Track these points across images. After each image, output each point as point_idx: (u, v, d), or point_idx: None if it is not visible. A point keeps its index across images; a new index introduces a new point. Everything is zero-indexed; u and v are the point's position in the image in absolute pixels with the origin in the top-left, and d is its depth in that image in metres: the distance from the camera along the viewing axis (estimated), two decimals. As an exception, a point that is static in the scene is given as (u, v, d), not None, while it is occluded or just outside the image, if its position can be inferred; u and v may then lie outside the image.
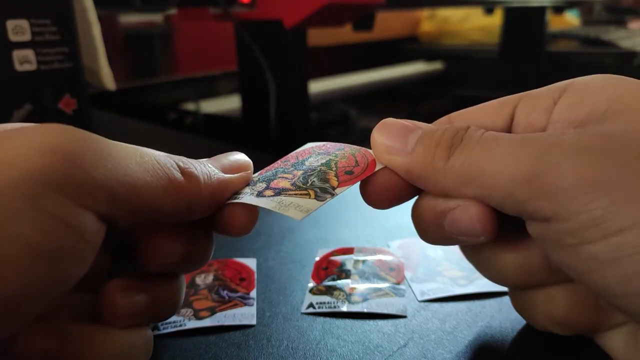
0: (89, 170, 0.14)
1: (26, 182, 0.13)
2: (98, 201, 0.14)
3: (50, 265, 0.13)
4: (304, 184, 0.20)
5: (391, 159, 0.20)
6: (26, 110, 0.33)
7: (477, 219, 0.19)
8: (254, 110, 0.64)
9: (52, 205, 0.13)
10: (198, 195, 0.18)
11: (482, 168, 0.17)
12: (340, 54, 1.43)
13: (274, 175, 0.21)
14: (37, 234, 0.13)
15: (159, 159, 0.17)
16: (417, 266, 0.30)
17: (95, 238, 0.15)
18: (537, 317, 0.21)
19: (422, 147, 0.19)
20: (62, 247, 0.13)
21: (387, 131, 0.20)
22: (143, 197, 0.16)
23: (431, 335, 0.23)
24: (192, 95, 0.91)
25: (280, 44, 0.59)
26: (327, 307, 0.25)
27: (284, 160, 0.22)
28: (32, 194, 0.13)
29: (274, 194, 0.19)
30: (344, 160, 0.21)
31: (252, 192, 0.20)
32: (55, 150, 0.14)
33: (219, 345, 0.23)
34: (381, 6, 0.60)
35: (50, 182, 0.13)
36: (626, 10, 2.12)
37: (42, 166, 0.13)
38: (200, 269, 0.29)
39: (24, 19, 0.32)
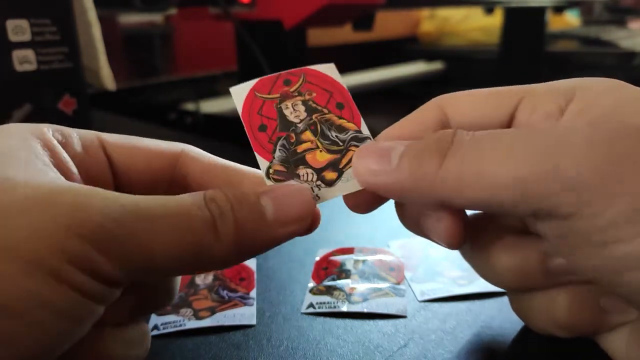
0: (105, 253, 0.14)
1: (49, 258, 0.14)
2: (113, 275, 0.15)
3: (73, 325, 0.15)
4: (338, 144, 0.20)
5: (376, 180, 0.18)
6: (26, 110, 0.33)
7: (445, 232, 0.19)
8: (254, 110, 0.64)
9: (72, 278, 0.14)
10: (229, 259, 0.17)
11: (486, 168, 0.16)
12: (340, 54, 1.43)
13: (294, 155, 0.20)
14: (62, 303, 0.14)
15: (189, 210, 0.15)
16: (417, 266, 0.30)
17: (109, 299, 0.16)
18: (538, 320, 0.21)
19: (407, 160, 0.18)
20: (81, 312, 0.15)
21: (365, 154, 0.19)
22: (159, 266, 0.15)
23: (431, 335, 0.23)
24: (192, 95, 0.91)
25: (280, 44, 0.59)
26: (327, 307, 0.25)
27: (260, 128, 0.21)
28: (55, 269, 0.14)
29: (334, 170, 0.20)
30: (314, 94, 0.21)
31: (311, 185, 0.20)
32: (76, 232, 0.14)
33: (219, 345, 0.23)
34: (381, 6, 0.60)
35: (68, 258, 0.14)
36: (626, 10, 2.12)
37: (61, 244, 0.14)
38: (200, 269, 0.29)
39: (24, 19, 0.32)
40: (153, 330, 0.24)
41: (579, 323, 0.20)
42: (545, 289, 0.20)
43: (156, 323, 0.25)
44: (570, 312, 0.19)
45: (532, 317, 0.21)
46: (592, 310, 0.19)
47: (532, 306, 0.21)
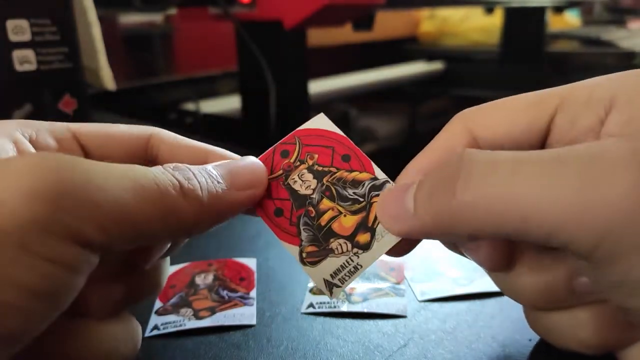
0: (76, 210, 0.14)
1: (17, 231, 0.13)
2: (89, 237, 0.14)
3: (48, 302, 0.14)
4: (359, 201, 0.19)
5: (400, 229, 0.18)
6: (26, 110, 0.33)
7: (485, 259, 0.18)
8: (254, 110, 0.64)
9: (45, 249, 0.13)
10: (200, 218, 0.17)
11: (511, 198, 0.14)
12: (340, 54, 1.43)
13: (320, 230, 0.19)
14: (34, 278, 0.13)
15: (157, 179, 0.16)
16: (417, 266, 0.29)
17: (87, 268, 0.15)
18: (561, 339, 0.20)
19: (420, 202, 0.17)
20: (57, 285, 0.14)
21: (385, 204, 0.19)
22: (138, 226, 0.15)
23: (431, 335, 0.23)
24: (192, 95, 0.91)
25: (280, 44, 0.59)
26: (327, 307, 0.25)
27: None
28: (23, 242, 0.13)
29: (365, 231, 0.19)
30: (317, 156, 0.20)
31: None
32: (40, 195, 0.13)
33: (219, 345, 0.23)
34: (381, 6, 0.60)
35: (40, 227, 0.13)
36: (626, 10, 2.12)
37: (30, 213, 0.13)
38: (199, 269, 0.29)
39: (24, 19, 0.32)
40: (153, 330, 0.24)
41: (606, 341, 0.19)
42: (571, 307, 0.19)
43: (156, 323, 0.25)
44: (596, 332, 0.18)
45: (555, 336, 0.20)
46: (618, 328, 0.18)
47: (553, 325, 0.20)
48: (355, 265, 0.19)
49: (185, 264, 0.30)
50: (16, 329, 0.13)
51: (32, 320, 0.13)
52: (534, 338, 0.23)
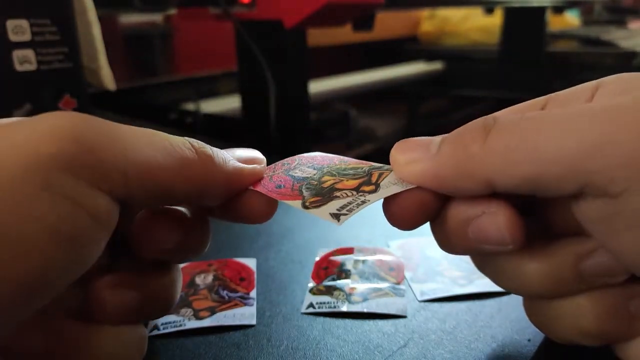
0: (100, 152, 0.14)
1: (40, 167, 0.13)
2: (111, 182, 0.14)
3: (68, 247, 0.13)
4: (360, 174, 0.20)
5: (415, 167, 0.18)
6: (26, 110, 0.33)
7: (505, 227, 0.17)
8: (254, 110, 0.64)
9: (67, 189, 0.13)
10: (212, 176, 0.17)
11: (535, 141, 0.15)
12: (340, 54, 1.43)
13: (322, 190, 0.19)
14: (55, 217, 0.13)
15: (170, 139, 0.17)
16: (417, 266, 0.30)
17: (109, 219, 0.15)
18: (561, 329, 0.19)
19: (449, 143, 0.17)
20: (78, 229, 0.14)
21: (404, 146, 0.19)
22: (156, 176, 0.16)
23: (431, 335, 0.23)
24: (192, 95, 0.91)
25: (280, 44, 0.59)
26: (327, 307, 0.25)
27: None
28: (46, 179, 0.13)
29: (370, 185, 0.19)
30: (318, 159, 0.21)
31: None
32: (65, 134, 0.14)
33: (219, 345, 0.23)
34: (381, 6, 0.60)
35: (64, 166, 0.13)
36: (626, 10, 2.12)
37: (55, 151, 0.13)
38: (199, 269, 0.29)
39: (24, 19, 0.32)
40: (153, 330, 0.24)
41: (607, 330, 0.18)
42: (574, 294, 0.19)
43: (156, 323, 0.25)
44: (599, 319, 0.18)
45: (555, 326, 0.20)
46: (621, 316, 0.18)
47: (555, 315, 0.19)
48: (362, 200, 0.18)
49: (185, 264, 0.30)
50: (34, 272, 0.13)
51: (51, 266, 0.13)
52: (534, 338, 0.23)
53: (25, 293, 0.13)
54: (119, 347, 0.18)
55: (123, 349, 0.18)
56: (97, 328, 0.18)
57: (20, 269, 0.12)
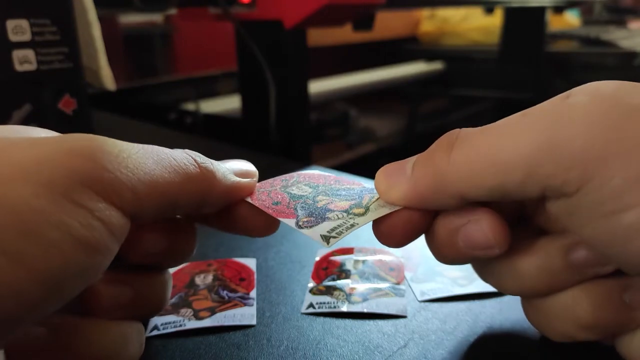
0: (113, 171, 0.15)
1: (63, 180, 0.14)
2: (123, 198, 0.15)
3: (87, 253, 0.14)
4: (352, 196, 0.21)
5: (396, 191, 0.19)
6: (26, 110, 0.33)
7: (489, 230, 0.18)
8: (254, 110, 0.64)
9: (87, 201, 0.15)
10: (213, 190, 0.19)
11: (493, 152, 0.17)
12: (340, 54, 1.43)
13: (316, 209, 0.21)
14: (76, 224, 0.14)
15: (174, 155, 0.18)
16: (417, 266, 0.30)
17: (121, 232, 0.16)
18: (558, 324, 0.20)
19: (419, 164, 0.19)
20: (96, 238, 0.15)
21: (384, 173, 0.20)
22: (162, 192, 0.17)
23: (431, 335, 0.23)
24: (192, 95, 0.91)
25: (280, 44, 0.59)
26: (327, 307, 0.25)
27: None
28: (69, 190, 0.14)
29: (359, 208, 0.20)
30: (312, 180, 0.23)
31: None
32: (82, 153, 0.15)
33: (219, 345, 0.23)
34: (381, 6, 0.60)
35: (83, 181, 0.15)
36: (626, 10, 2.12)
37: (75, 167, 0.15)
38: (199, 269, 0.29)
39: (24, 19, 0.32)
40: (153, 330, 0.24)
41: (603, 321, 0.19)
42: (569, 288, 0.19)
43: (156, 323, 0.25)
44: (594, 310, 0.19)
45: (552, 322, 0.20)
46: (616, 307, 0.19)
47: (552, 309, 0.20)
48: (351, 224, 0.19)
49: (184, 264, 0.30)
50: (57, 273, 0.14)
51: (70, 269, 0.14)
52: (533, 338, 0.23)
53: (45, 293, 0.14)
54: (117, 341, 0.18)
55: (121, 343, 0.18)
56: (95, 322, 0.18)
57: (43, 268, 0.13)
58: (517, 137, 0.16)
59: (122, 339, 0.19)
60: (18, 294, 0.13)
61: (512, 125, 0.17)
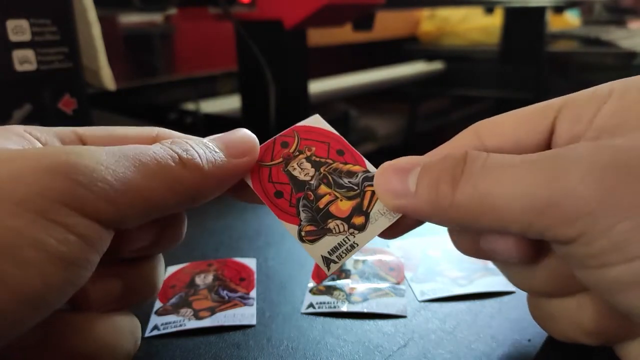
0: (89, 186, 0.15)
1: (36, 198, 0.14)
2: (100, 211, 0.15)
3: (65, 269, 0.14)
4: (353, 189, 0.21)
5: (397, 203, 0.19)
6: (26, 110, 0.33)
7: (514, 247, 0.18)
8: (254, 110, 0.64)
9: (61, 217, 0.14)
10: (203, 184, 0.18)
11: (492, 200, 0.17)
12: (340, 54, 1.43)
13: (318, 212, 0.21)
14: (53, 242, 0.14)
15: (157, 156, 0.17)
16: (417, 266, 0.30)
17: (101, 243, 0.16)
18: (563, 327, 0.20)
19: (424, 187, 0.18)
20: (73, 252, 0.15)
21: (386, 176, 0.20)
22: (146, 198, 0.16)
23: (431, 335, 0.23)
24: (192, 95, 0.91)
25: (280, 44, 0.59)
26: (327, 307, 0.25)
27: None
28: (43, 208, 0.14)
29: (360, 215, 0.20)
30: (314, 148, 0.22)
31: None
32: (57, 171, 0.15)
33: (219, 345, 0.23)
34: (381, 6, 0.60)
35: (58, 198, 0.14)
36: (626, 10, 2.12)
37: (50, 185, 0.15)
38: (199, 269, 0.29)
39: (24, 19, 0.32)
40: (153, 330, 0.24)
41: (606, 329, 0.19)
42: (575, 293, 0.19)
43: (156, 323, 0.25)
44: (598, 318, 0.19)
45: (557, 324, 0.20)
46: (619, 316, 0.19)
47: (557, 311, 0.20)
48: (351, 244, 0.20)
49: (185, 264, 0.30)
50: (36, 292, 0.14)
51: (50, 287, 0.14)
52: (534, 338, 0.23)
53: (26, 311, 0.14)
54: (108, 334, 0.18)
55: (113, 337, 0.18)
56: (85, 316, 0.18)
57: (23, 288, 0.13)
58: (516, 187, 0.16)
59: (114, 332, 0.18)
60: (0, 314, 0.13)
61: (513, 170, 0.17)
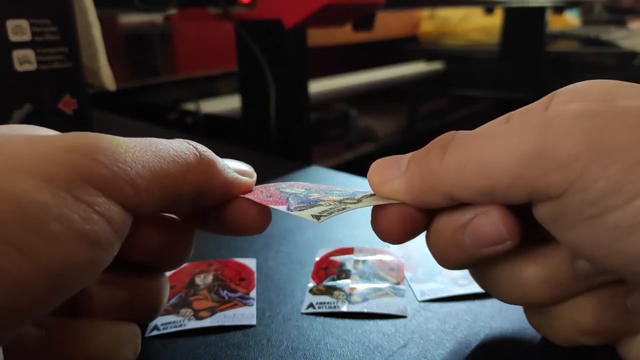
0: (110, 166, 0.15)
1: (63, 175, 0.14)
2: (123, 193, 0.15)
3: (89, 248, 0.14)
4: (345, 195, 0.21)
5: (389, 185, 0.19)
6: (26, 110, 0.33)
7: (500, 221, 0.18)
8: (254, 110, 0.64)
9: (86, 195, 0.15)
10: (212, 180, 0.19)
11: (482, 156, 0.17)
12: (340, 54, 1.43)
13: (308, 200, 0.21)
14: (78, 218, 0.14)
15: (173, 145, 0.18)
16: (417, 266, 0.30)
17: (122, 227, 0.16)
18: (561, 329, 0.20)
19: (414, 161, 0.19)
20: (97, 232, 0.15)
21: (378, 166, 0.20)
22: (163, 184, 0.17)
23: (431, 335, 0.23)
24: (192, 95, 0.91)
25: (280, 44, 0.59)
26: (327, 307, 0.25)
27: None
28: (69, 185, 0.14)
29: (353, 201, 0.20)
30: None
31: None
32: (80, 150, 0.15)
33: (219, 345, 0.23)
34: (381, 6, 0.60)
35: (82, 176, 0.15)
36: (626, 10, 2.12)
37: (73, 163, 0.15)
38: (199, 269, 0.29)
39: (24, 19, 0.32)
40: (153, 330, 0.24)
41: (605, 327, 0.19)
42: (573, 297, 0.19)
43: (156, 323, 0.25)
44: (596, 316, 0.19)
45: (554, 327, 0.20)
46: (618, 312, 0.19)
47: (554, 316, 0.20)
48: (343, 207, 0.19)
49: (185, 264, 0.30)
50: (60, 266, 0.14)
51: (73, 264, 0.14)
52: (534, 338, 0.23)
53: (47, 288, 0.14)
54: (111, 341, 0.18)
55: (115, 344, 0.18)
56: (88, 322, 0.18)
57: (47, 261, 0.13)
58: (505, 144, 0.17)
59: (117, 340, 0.19)
60: (24, 286, 0.13)
61: (502, 131, 0.17)
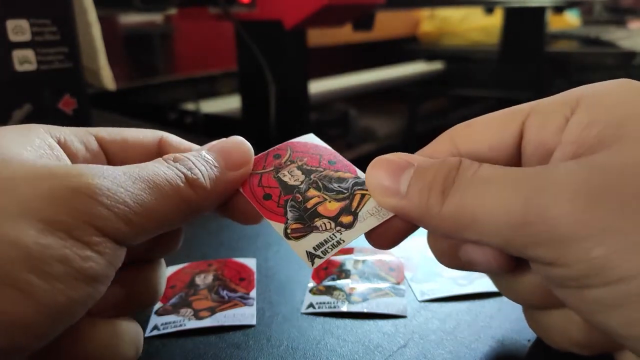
0: (111, 207, 0.16)
1: (64, 217, 0.15)
2: (119, 231, 0.16)
3: (88, 285, 0.15)
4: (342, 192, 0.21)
5: (387, 201, 0.19)
6: (26, 110, 0.33)
7: (492, 257, 0.18)
8: (254, 110, 0.64)
9: (86, 236, 0.15)
10: (205, 203, 0.19)
11: (475, 214, 0.17)
12: (340, 54, 1.43)
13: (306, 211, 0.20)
14: (78, 258, 0.15)
15: (167, 176, 0.18)
16: (417, 266, 0.30)
17: (118, 260, 0.17)
18: (555, 337, 0.20)
19: (416, 190, 0.19)
20: (94, 269, 0.16)
21: (379, 171, 0.20)
22: (157, 219, 0.17)
23: (431, 335, 0.23)
24: (192, 95, 0.91)
25: (280, 44, 0.59)
26: (327, 307, 0.25)
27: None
28: (70, 227, 0.15)
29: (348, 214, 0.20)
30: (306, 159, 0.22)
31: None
32: (84, 192, 0.16)
33: (219, 345, 0.23)
34: (381, 6, 0.60)
35: (84, 218, 0.15)
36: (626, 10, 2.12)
37: (75, 205, 0.15)
38: (199, 269, 0.29)
39: (24, 19, 0.32)
40: (153, 330, 0.24)
41: (594, 341, 0.19)
42: (563, 306, 0.19)
43: (156, 323, 0.25)
44: (587, 330, 0.19)
45: (550, 334, 0.21)
46: None
47: (550, 324, 0.20)
48: (337, 240, 0.19)
49: (185, 264, 0.30)
50: (62, 304, 0.15)
51: (73, 302, 0.15)
52: (533, 338, 0.23)
53: (50, 324, 0.15)
54: (109, 338, 0.18)
55: (113, 341, 0.19)
56: (90, 321, 0.18)
57: (50, 301, 0.14)
58: (497, 204, 0.17)
59: (115, 338, 0.19)
60: (27, 326, 0.14)
61: (497, 186, 0.17)
